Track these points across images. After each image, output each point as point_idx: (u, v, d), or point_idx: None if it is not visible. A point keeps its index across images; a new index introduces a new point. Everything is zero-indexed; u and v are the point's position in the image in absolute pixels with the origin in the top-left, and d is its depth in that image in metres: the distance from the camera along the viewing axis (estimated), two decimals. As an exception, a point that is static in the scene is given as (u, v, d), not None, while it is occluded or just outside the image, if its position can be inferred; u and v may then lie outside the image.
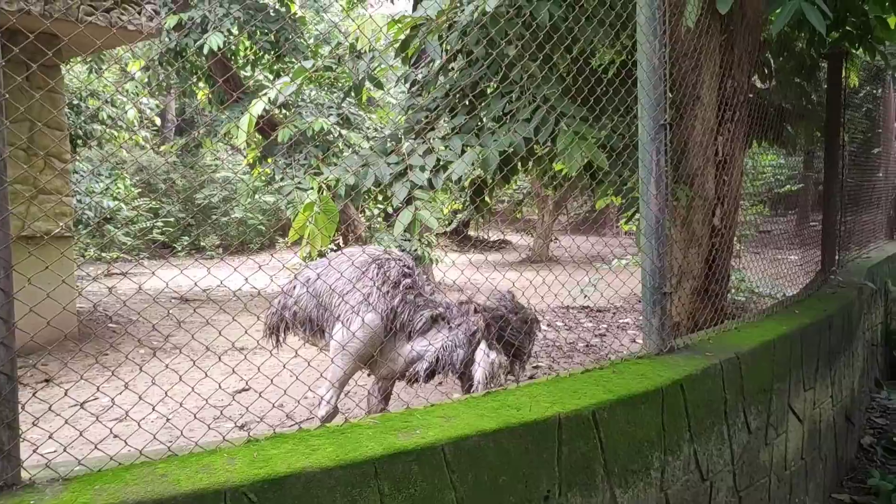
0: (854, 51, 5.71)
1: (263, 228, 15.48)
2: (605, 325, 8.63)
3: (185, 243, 14.63)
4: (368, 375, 3.87)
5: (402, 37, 4.05)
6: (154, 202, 14.55)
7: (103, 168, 13.31)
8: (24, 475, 1.70)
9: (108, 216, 12.97)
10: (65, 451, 1.79)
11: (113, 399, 2.89)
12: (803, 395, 3.90)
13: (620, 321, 8.93)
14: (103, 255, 12.21)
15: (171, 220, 14.71)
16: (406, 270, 3.55)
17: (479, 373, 3.35)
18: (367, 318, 3.35)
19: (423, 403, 2.41)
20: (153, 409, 2.27)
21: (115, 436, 2.12)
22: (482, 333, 3.35)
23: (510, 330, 3.42)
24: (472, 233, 18.02)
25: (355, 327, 3.34)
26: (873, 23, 4.99)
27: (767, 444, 3.46)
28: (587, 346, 7.55)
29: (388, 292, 3.42)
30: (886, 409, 6.20)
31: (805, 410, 3.93)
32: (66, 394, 1.88)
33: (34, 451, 1.74)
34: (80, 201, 12.30)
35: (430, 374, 3.48)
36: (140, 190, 14.58)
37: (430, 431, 2.15)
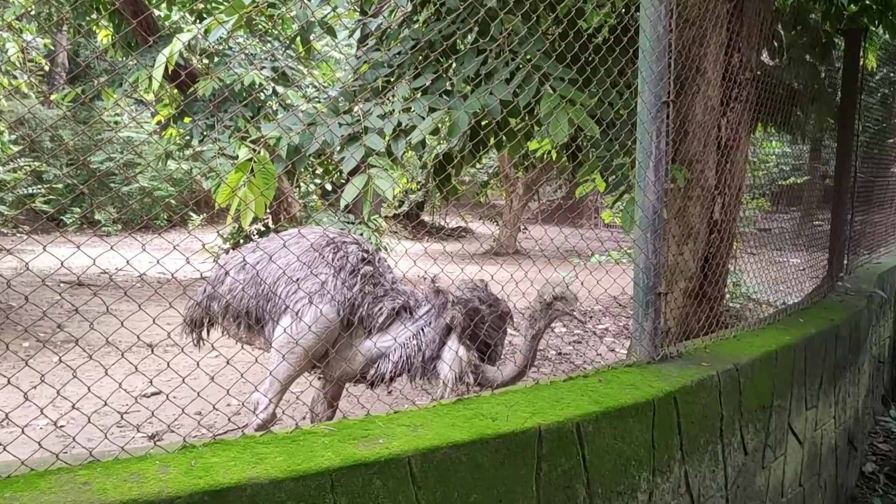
0: (873, 28, 5.99)
1: (174, 202, 15.21)
2: (579, 332, 8.85)
3: (76, 215, 14.27)
4: (319, 379, 3.92)
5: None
6: (38, 164, 14.13)
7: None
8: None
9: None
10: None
11: None
12: (805, 414, 4.14)
13: (598, 327, 9.18)
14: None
15: (59, 186, 14.32)
16: (365, 256, 3.61)
17: (444, 369, 3.43)
18: (322, 309, 3.40)
19: (386, 410, 2.49)
20: (41, 413, 2.28)
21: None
22: (456, 329, 3.44)
23: (483, 324, 3.51)
24: (426, 217, 18.10)
25: (307, 320, 3.38)
26: (896, -2, 5.27)
27: (764, 468, 3.67)
28: (559, 354, 7.74)
29: (345, 280, 3.47)
30: (890, 433, 6.58)
31: (806, 431, 4.17)
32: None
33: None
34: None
35: (394, 376, 3.56)
36: (21, 148, 14.13)
37: (394, 441, 2.23)
